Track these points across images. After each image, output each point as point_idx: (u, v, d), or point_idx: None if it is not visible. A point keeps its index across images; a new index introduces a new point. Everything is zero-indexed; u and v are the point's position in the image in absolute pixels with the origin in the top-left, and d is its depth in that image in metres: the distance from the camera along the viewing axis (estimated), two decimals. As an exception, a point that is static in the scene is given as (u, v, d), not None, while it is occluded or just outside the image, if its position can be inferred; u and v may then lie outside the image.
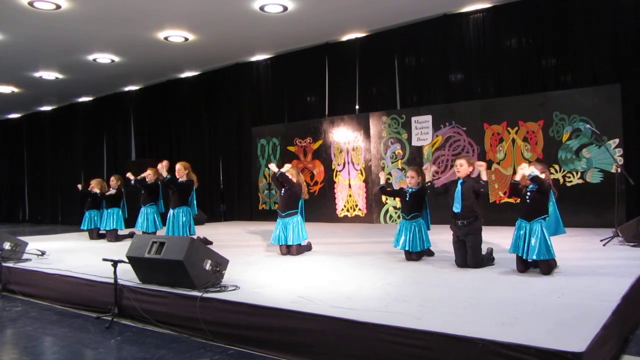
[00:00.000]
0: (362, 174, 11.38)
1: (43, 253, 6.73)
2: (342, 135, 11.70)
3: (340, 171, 11.74)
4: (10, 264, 6.20)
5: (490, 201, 9.43)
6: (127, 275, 4.78)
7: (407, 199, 5.82)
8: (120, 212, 9.05)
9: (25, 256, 6.57)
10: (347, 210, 11.60)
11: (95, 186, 9.35)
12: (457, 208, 5.15)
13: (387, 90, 11.33)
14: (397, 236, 5.82)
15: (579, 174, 8.77)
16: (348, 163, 11.61)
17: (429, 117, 10.46)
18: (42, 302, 5.60)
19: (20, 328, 4.64)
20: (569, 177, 8.84)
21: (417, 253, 5.68)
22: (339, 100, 12.02)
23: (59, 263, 6.17)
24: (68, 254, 7.11)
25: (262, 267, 5.57)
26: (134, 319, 4.56)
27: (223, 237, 9.24)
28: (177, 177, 7.71)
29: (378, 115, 11.18)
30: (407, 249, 5.69)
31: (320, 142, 12.05)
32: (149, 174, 8.47)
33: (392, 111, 11.03)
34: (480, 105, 9.87)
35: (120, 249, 6.32)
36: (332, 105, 12.08)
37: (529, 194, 4.83)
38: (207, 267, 4.44)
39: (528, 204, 4.83)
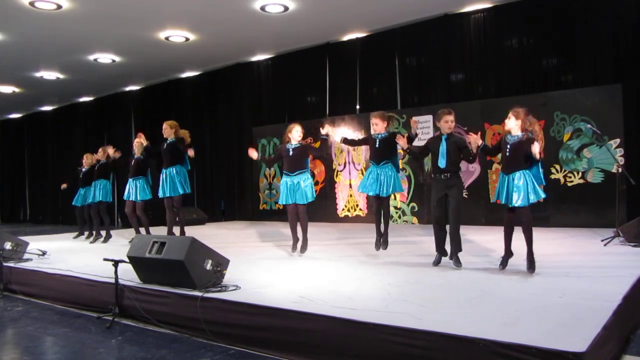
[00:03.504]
0: (362, 173, 11.37)
1: (44, 253, 6.73)
2: (343, 135, 11.68)
3: (341, 171, 11.74)
4: (11, 264, 6.20)
5: (491, 201, 9.44)
6: (128, 275, 4.78)
7: (377, 145, 5.76)
8: (109, 185, 8.84)
9: (26, 256, 6.57)
10: (348, 210, 11.60)
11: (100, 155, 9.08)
12: (442, 163, 5.10)
13: (387, 90, 11.33)
14: (364, 181, 5.75)
15: (580, 174, 8.76)
16: (349, 163, 11.61)
17: (429, 117, 10.45)
18: (43, 302, 5.60)
19: (21, 328, 4.64)
20: (570, 177, 8.84)
21: (387, 197, 5.70)
22: (339, 100, 12.02)
23: (60, 263, 6.17)
24: (69, 254, 7.11)
25: (263, 267, 5.57)
26: (135, 319, 4.56)
27: (224, 237, 9.24)
28: (165, 137, 7.71)
29: (379, 115, 11.16)
30: (377, 193, 5.66)
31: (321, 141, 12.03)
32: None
33: (393, 111, 11.02)
34: (481, 105, 9.86)
35: (120, 249, 6.32)
36: (333, 105, 12.08)
37: (509, 146, 4.83)
38: (208, 267, 4.44)
39: (508, 157, 4.83)
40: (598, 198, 8.44)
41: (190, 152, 7.49)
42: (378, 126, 5.80)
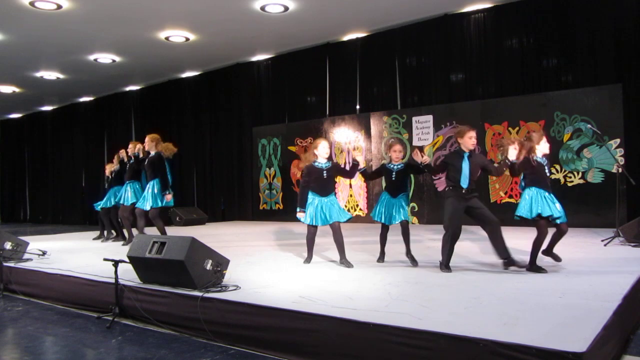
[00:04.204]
0: (361, 174, 11.35)
1: (44, 253, 6.73)
2: (343, 135, 11.70)
3: (341, 171, 11.73)
4: (11, 264, 6.19)
5: (491, 201, 9.44)
6: (128, 275, 4.78)
7: (394, 178, 5.51)
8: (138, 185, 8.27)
9: (26, 256, 6.57)
10: (348, 210, 11.60)
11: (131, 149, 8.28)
12: (465, 183, 4.93)
13: (388, 90, 11.33)
14: (378, 208, 5.61)
15: (580, 174, 8.76)
16: (348, 163, 11.61)
17: (429, 117, 10.46)
18: (43, 302, 5.60)
19: (21, 328, 4.64)
20: (570, 177, 8.84)
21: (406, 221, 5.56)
22: (339, 100, 12.02)
23: (60, 263, 6.17)
24: (69, 254, 7.11)
25: (263, 267, 5.57)
26: (135, 319, 4.56)
27: (224, 237, 9.24)
28: (148, 150, 7.63)
29: (379, 115, 11.18)
30: (384, 222, 5.56)
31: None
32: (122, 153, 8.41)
33: (393, 111, 11.04)
34: (481, 105, 9.87)
35: (121, 249, 6.32)
36: (333, 105, 12.09)
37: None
38: (208, 267, 4.44)
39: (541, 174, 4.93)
40: (598, 198, 8.44)
41: (167, 197, 7.33)
42: (400, 154, 5.52)
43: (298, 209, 5.66)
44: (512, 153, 4.86)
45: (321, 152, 5.62)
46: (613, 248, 6.24)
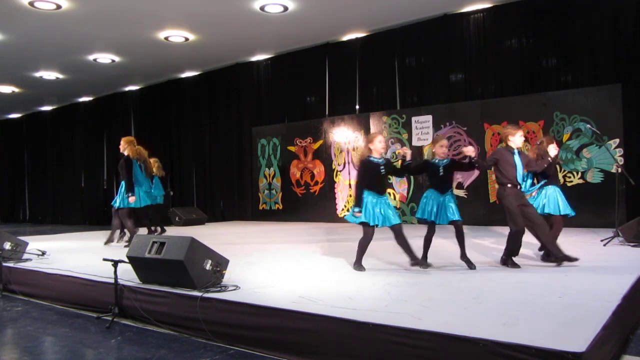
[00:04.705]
0: (362, 174, 11.36)
1: (43, 253, 6.72)
2: (343, 135, 11.70)
3: (340, 171, 11.74)
4: (10, 264, 6.19)
5: (491, 201, 9.45)
6: (128, 275, 4.78)
7: (441, 173, 5.25)
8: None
9: (25, 256, 6.56)
10: (348, 210, 11.59)
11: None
12: (520, 177, 5.18)
13: (387, 90, 11.34)
14: (426, 206, 5.26)
15: (580, 174, 8.77)
16: (348, 163, 11.62)
17: (429, 117, 10.46)
18: (42, 302, 5.59)
19: (20, 328, 4.64)
20: (570, 177, 8.84)
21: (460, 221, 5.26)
22: (339, 100, 12.02)
23: (60, 263, 6.17)
24: (68, 254, 7.11)
25: (262, 267, 5.57)
26: (135, 319, 4.56)
27: (223, 236, 9.24)
28: (122, 152, 7.93)
29: (378, 115, 11.18)
30: (436, 221, 5.24)
31: (320, 142, 12.05)
32: None
33: (393, 111, 11.04)
34: (480, 105, 9.87)
35: (120, 249, 6.32)
36: (333, 105, 12.09)
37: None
38: (208, 267, 4.43)
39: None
40: (597, 198, 8.44)
41: (130, 199, 7.60)
42: (444, 149, 5.32)
43: (355, 209, 5.09)
44: (553, 151, 5.48)
45: (378, 147, 5.21)
46: (612, 248, 6.24)
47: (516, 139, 5.20)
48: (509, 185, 5.13)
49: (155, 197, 8.92)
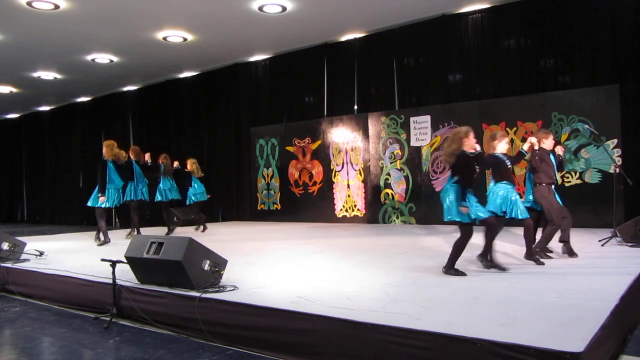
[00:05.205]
0: (360, 174, 11.38)
1: (41, 253, 6.71)
2: (341, 135, 11.70)
3: (339, 171, 11.74)
4: (8, 264, 6.18)
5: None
6: (126, 276, 4.77)
7: (509, 166, 5.47)
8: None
9: (23, 256, 6.56)
10: (346, 211, 11.60)
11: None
12: (556, 177, 5.73)
13: (385, 91, 11.33)
14: (500, 200, 5.20)
15: (578, 174, 8.78)
16: (347, 163, 11.62)
17: (427, 118, 10.46)
18: (40, 302, 5.58)
19: (18, 328, 4.63)
20: (568, 178, 8.85)
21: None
22: (337, 101, 12.02)
23: (58, 263, 6.16)
24: (66, 254, 7.10)
25: (261, 267, 5.57)
26: (133, 319, 4.55)
27: (222, 237, 9.23)
28: (103, 154, 8.48)
29: (377, 116, 11.18)
30: (514, 216, 5.19)
31: (319, 142, 12.06)
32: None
33: (391, 111, 11.04)
34: (479, 105, 9.87)
35: (119, 250, 6.29)
36: (331, 106, 12.09)
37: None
38: (206, 267, 4.43)
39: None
40: (595, 198, 8.45)
41: (100, 199, 8.16)
42: (506, 145, 5.52)
43: (462, 204, 4.81)
44: (526, 145, 5.67)
45: (472, 142, 5.11)
46: (610, 248, 6.25)
47: (549, 142, 5.81)
48: (547, 183, 5.60)
49: (137, 193, 9.34)
